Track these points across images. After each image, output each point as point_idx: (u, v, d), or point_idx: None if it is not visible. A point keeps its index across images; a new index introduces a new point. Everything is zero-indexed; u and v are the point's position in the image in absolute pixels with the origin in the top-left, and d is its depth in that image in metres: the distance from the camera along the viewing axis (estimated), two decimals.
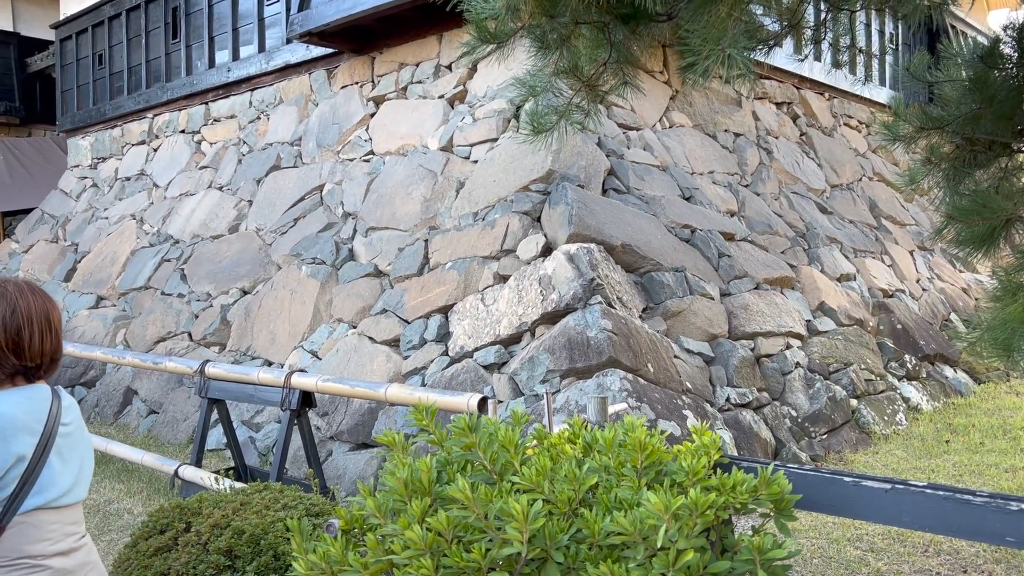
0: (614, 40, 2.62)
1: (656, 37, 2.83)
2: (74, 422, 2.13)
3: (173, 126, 11.00)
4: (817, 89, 10.42)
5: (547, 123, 2.55)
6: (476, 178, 7.03)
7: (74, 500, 2.09)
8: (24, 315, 2.01)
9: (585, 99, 2.52)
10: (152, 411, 7.81)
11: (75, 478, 2.10)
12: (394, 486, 2.10)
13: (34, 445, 1.99)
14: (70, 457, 2.09)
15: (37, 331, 2.03)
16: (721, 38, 1.80)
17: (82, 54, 12.75)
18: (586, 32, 2.49)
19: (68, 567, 2.05)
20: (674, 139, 7.94)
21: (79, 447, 2.13)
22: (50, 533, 2.02)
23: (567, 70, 2.41)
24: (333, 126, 8.74)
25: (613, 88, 2.71)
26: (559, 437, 2.49)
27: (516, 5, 2.01)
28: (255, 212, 8.91)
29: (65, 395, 2.15)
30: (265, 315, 7.60)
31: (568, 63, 2.40)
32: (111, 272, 9.92)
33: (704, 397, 5.66)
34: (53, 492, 2.02)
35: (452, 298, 6.36)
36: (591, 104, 2.52)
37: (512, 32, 2.22)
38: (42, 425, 2.02)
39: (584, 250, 5.73)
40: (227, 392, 5.25)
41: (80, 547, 2.11)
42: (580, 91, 2.50)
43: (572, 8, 2.06)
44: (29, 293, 2.06)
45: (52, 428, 2.03)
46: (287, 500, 3.37)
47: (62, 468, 2.05)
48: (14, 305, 2.01)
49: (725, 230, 7.26)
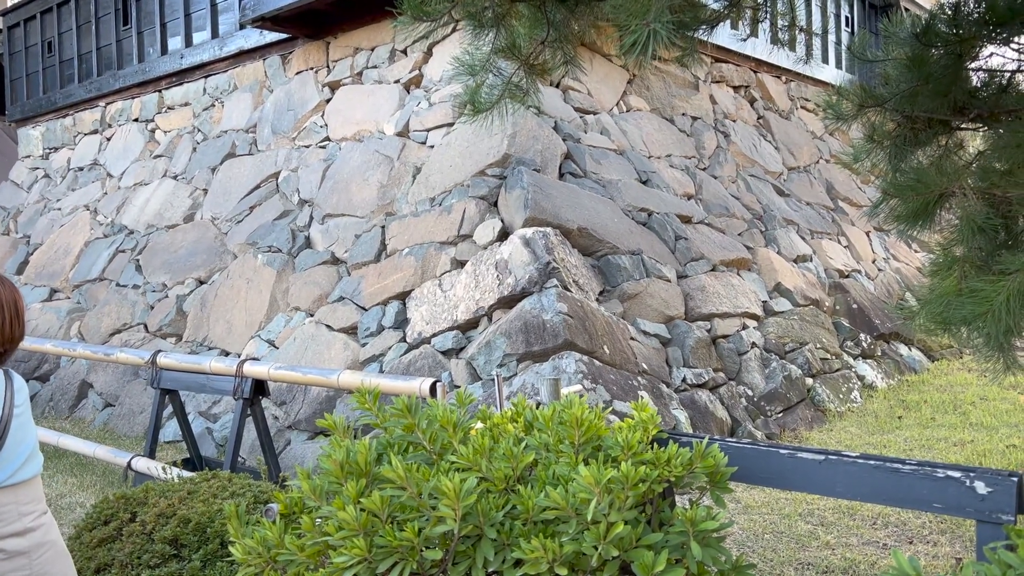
0: (552, 20, 2.60)
1: (596, 16, 2.82)
2: (24, 402, 2.16)
3: (126, 114, 10.78)
4: (774, 72, 10.50)
5: (487, 103, 2.53)
6: (433, 163, 6.99)
7: (27, 476, 2.10)
8: None
9: (524, 78, 2.51)
10: (108, 404, 7.69)
11: (27, 455, 2.10)
12: (330, 468, 2.09)
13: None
14: (21, 437, 2.10)
15: (7, 317, 2.09)
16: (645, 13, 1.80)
17: (31, 41, 12.44)
18: (524, 11, 2.47)
19: (23, 547, 2.04)
20: (631, 123, 7.95)
21: (27, 425, 2.15)
22: (3, 515, 2.02)
23: (504, 48, 2.40)
24: (288, 112, 8.63)
25: (554, 67, 2.70)
26: (502, 417, 2.49)
27: None
28: (210, 201, 8.78)
29: (16, 376, 2.19)
30: (221, 305, 7.51)
31: (505, 42, 2.39)
32: (64, 264, 9.72)
33: (660, 378, 5.70)
34: (5, 472, 2.02)
35: (410, 284, 6.33)
36: (530, 83, 2.52)
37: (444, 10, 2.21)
38: (0, 408, 2.04)
39: (540, 234, 5.73)
40: (179, 382, 5.18)
41: (38, 526, 2.11)
42: (519, 70, 2.49)
43: None
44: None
45: (9, 411, 2.05)
46: (235, 488, 3.33)
47: (13, 447, 2.06)
48: None
49: (682, 213, 7.31)
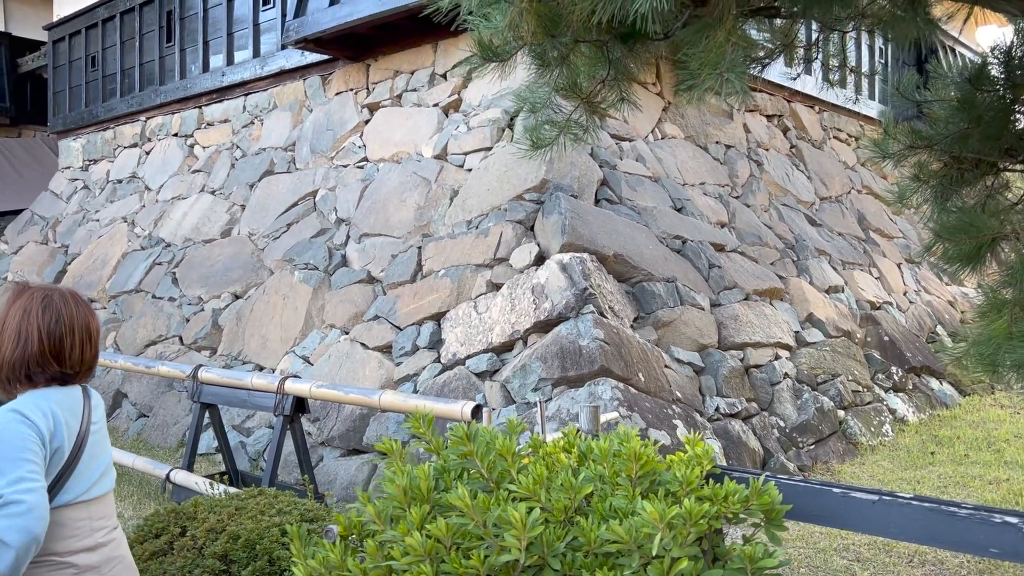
0: (612, 57, 2.67)
1: (652, 54, 2.88)
2: (100, 419, 2.21)
3: (166, 129, 11.00)
4: (807, 103, 10.53)
5: (546, 138, 2.60)
6: (470, 186, 7.07)
7: (101, 493, 2.15)
8: (67, 325, 2.10)
9: (584, 115, 2.57)
10: (142, 415, 7.80)
11: (101, 472, 2.16)
12: (394, 493, 2.14)
13: (72, 443, 2.06)
14: (96, 453, 2.16)
15: (78, 341, 2.12)
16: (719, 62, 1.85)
17: (75, 56, 12.74)
18: (585, 50, 2.54)
19: (93, 563, 2.09)
20: (666, 150, 8.01)
21: (103, 442, 2.21)
22: (76, 530, 2.07)
23: (566, 87, 2.46)
24: (327, 132, 8.77)
25: (611, 104, 2.76)
26: (554, 446, 2.53)
27: (518, 24, 2.06)
28: (248, 217, 8.93)
29: (94, 393, 2.24)
30: (257, 320, 7.61)
31: (567, 80, 2.45)
32: (102, 275, 9.90)
33: (694, 407, 5.71)
34: (79, 488, 2.08)
35: (445, 305, 6.39)
36: (589, 120, 2.58)
37: (514, 50, 2.28)
38: (78, 423, 2.10)
39: (577, 260, 5.78)
40: (220, 397, 5.26)
41: (108, 541, 2.16)
42: (579, 107, 2.55)
43: (573, 28, 2.12)
44: (73, 303, 2.14)
45: (86, 428, 2.11)
46: (281, 505, 3.39)
47: (89, 464, 2.12)
48: (59, 314, 2.09)
49: (716, 241, 7.34)
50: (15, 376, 2.06)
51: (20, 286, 2.18)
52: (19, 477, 1.91)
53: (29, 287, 2.17)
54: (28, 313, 2.06)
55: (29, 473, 1.93)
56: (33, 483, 1.93)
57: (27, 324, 2.06)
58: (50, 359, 2.06)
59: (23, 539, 1.87)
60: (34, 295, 2.11)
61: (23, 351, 2.04)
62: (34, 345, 2.05)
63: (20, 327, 2.06)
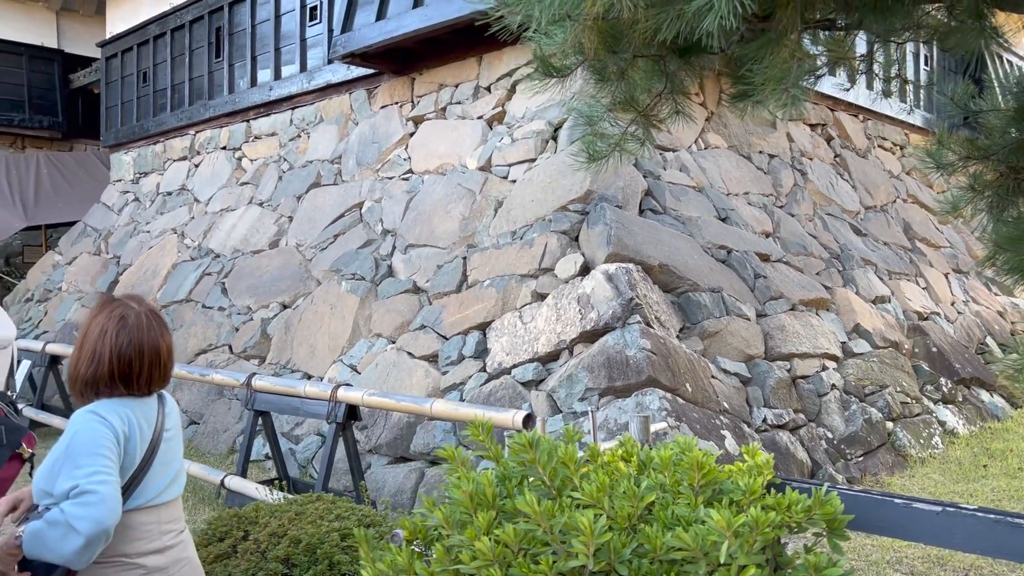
0: (668, 71, 2.71)
1: (707, 67, 2.92)
2: (175, 426, 2.28)
3: (214, 143, 11.26)
4: (851, 111, 10.44)
5: (602, 151, 2.65)
6: (514, 197, 7.14)
7: (171, 497, 2.23)
8: (137, 349, 2.16)
9: (640, 128, 2.62)
10: (193, 422, 7.98)
11: (172, 477, 2.24)
12: (460, 499, 2.19)
13: (144, 448, 2.14)
14: (168, 460, 2.23)
15: (147, 364, 2.18)
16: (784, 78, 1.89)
17: (127, 71, 13.10)
18: (642, 64, 2.59)
19: (161, 564, 2.17)
20: (710, 160, 8.01)
21: (176, 448, 2.28)
22: (145, 532, 2.15)
23: (624, 101, 2.51)
24: (373, 145, 8.91)
25: (666, 117, 2.81)
26: (612, 455, 2.57)
27: (581, 40, 2.12)
28: (295, 228, 9.10)
29: (168, 399, 2.30)
30: (305, 329, 7.75)
31: (625, 94, 2.50)
32: (153, 285, 10.15)
33: (741, 417, 5.70)
34: (150, 492, 2.15)
35: (490, 315, 6.46)
36: (646, 133, 2.62)
37: (574, 66, 2.33)
38: (152, 430, 2.17)
39: (623, 270, 5.81)
40: (273, 404, 5.38)
41: (175, 544, 2.23)
42: (635, 120, 2.60)
43: (634, 44, 2.17)
44: (147, 325, 2.20)
45: (159, 434, 2.18)
46: (340, 511, 3.47)
47: (161, 469, 2.19)
48: (131, 337, 2.16)
49: (761, 251, 7.31)
50: (87, 391, 2.15)
51: (104, 299, 2.27)
52: (95, 470, 1.99)
53: (111, 302, 2.25)
54: (104, 334, 2.14)
55: (103, 467, 2.01)
56: (107, 476, 2.00)
57: (101, 345, 2.13)
58: (118, 382, 2.14)
59: (93, 529, 1.94)
60: (112, 314, 2.17)
61: (95, 371, 2.12)
62: (104, 367, 2.12)
63: (95, 347, 2.13)
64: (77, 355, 2.17)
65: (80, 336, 2.18)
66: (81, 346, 2.18)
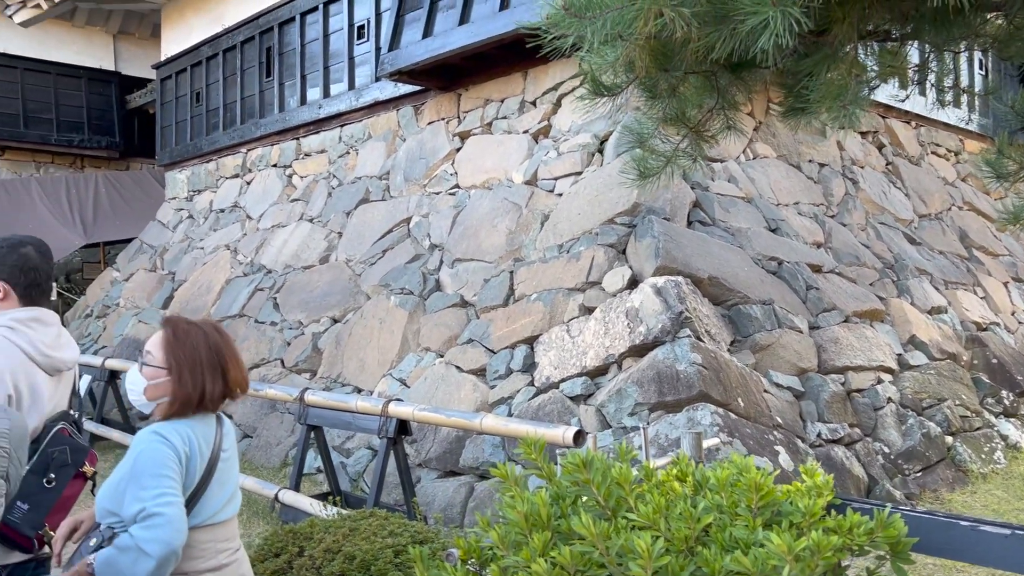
0: (720, 86, 2.70)
1: (759, 80, 2.90)
2: (231, 447, 2.34)
3: (266, 160, 11.49)
4: (903, 118, 10.23)
5: (653, 168, 2.64)
6: (561, 211, 7.15)
7: (227, 517, 2.28)
8: (218, 366, 2.25)
9: (691, 144, 2.60)
10: (246, 435, 8.11)
11: (228, 496, 2.29)
12: (515, 519, 2.19)
13: (203, 468, 2.19)
14: (225, 480, 2.28)
15: (223, 382, 2.26)
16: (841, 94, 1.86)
17: (181, 92, 13.45)
18: (693, 80, 2.58)
19: None
20: (758, 170, 7.92)
21: (232, 468, 2.33)
22: (202, 551, 2.19)
23: (675, 117, 2.50)
24: (420, 160, 9.01)
25: (717, 132, 2.79)
26: (667, 474, 2.55)
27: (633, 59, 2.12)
28: (345, 243, 9.22)
29: (226, 421, 2.36)
30: (355, 343, 7.84)
31: (676, 110, 2.49)
32: (207, 300, 10.37)
33: (795, 432, 5.60)
34: (208, 511, 2.20)
35: (538, 329, 6.46)
36: (697, 149, 2.61)
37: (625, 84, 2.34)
38: (210, 450, 2.23)
39: (672, 283, 5.77)
40: (325, 419, 5.45)
41: (232, 562, 2.28)
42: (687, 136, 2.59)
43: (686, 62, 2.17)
44: (224, 344, 2.29)
45: (216, 454, 2.24)
46: (393, 527, 3.50)
47: (218, 489, 2.24)
48: (215, 356, 2.25)
49: (812, 262, 7.19)
50: (185, 411, 2.21)
51: (176, 320, 2.32)
52: (160, 492, 2.05)
53: (186, 324, 2.30)
54: (195, 353, 2.22)
55: (169, 488, 2.08)
56: (173, 497, 2.07)
57: (196, 365, 2.21)
58: (205, 401, 2.22)
59: (163, 551, 2.00)
60: (194, 333, 2.25)
61: (190, 392, 2.20)
62: (198, 387, 2.20)
63: (192, 367, 2.21)
64: (177, 377, 2.21)
65: (166, 358, 2.23)
66: (178, 365, 2.23)
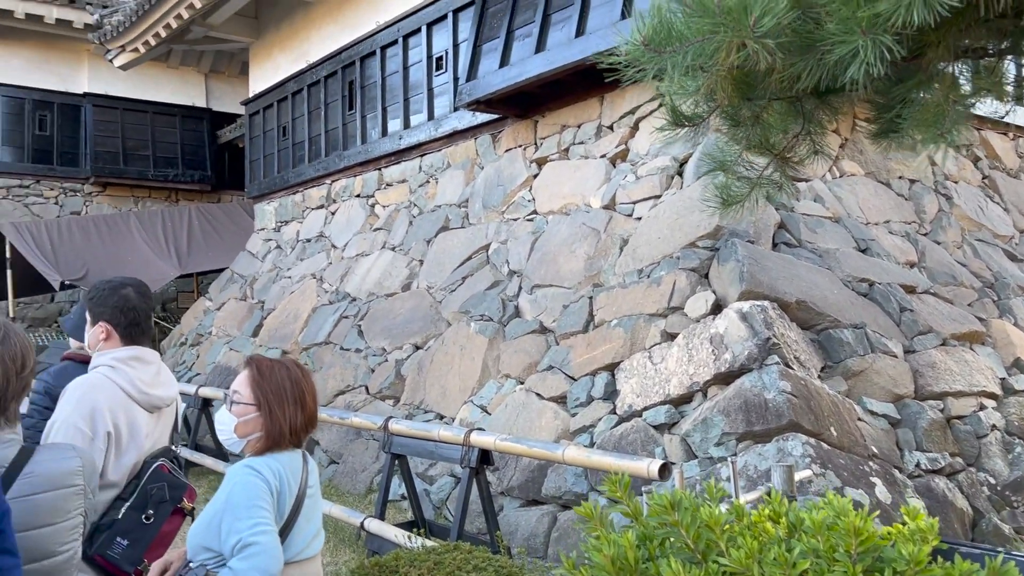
0: (805, 110, 2.62)
1: (846, 103, 2.80)
2: (316, 483, 2.39)
3: (349, 191, 11.78)
4: (999, 129, 9.78)
5: (737, 195, 2.58)
6: (640, 235, 7.07)
7: (312, 553, 2.32)
8: (302, 401, 2.33)
9: (777, 171, 2.53)
10: (332, 461, 8.26)
11: (315, 533, 2.33)
12: (602, 563, 2.15)
13: (291, 504, 2.24)
14: (311, 515, 2.32)
15: (307, 416, 2.33)
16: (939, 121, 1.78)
17: (268, 126, 13.95)
18: (777, 106, 2.51)
19: None
20: (845, 188, 7.67)
21: (317, 505, 2.38)
22: None
23: (759, 144, 2.44)
24: (498, 188, 9.07)
25: (804, 157, 2.71)
26: (759, 514, 2.46)
27: (715, 90, 2.08)
28: (425, 271, 9.35)
29: (310, 459, 2.42)
30: (436, 370, 7.91)
31: (760, 137, 2.43)
32: (294, 328, 10.65)
33: (892, 462, 5.35)
34: (296, 547, 2.24)
35: (618, 356, 6.38)
36: (784, 176, 2.53)
37: (706, 114, 2.29)
38: (297, 486, 2.28)
39: (758, 308, 5.62)
40: (408, 448, 5.49)
41: None
42: (772, 163, 2.52)
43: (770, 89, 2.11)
44: (304, 379, 2.36)
45: (303, 491, 2.28)
46: (477, 561, 3.48)
47: (305, 525, 2.28)
48: (300, 390, 2.33)
49: (905, 282, 6.91)
50: (270, 446, 2.27)
51: (259, 360, 2.39)
52: (255, 522, 2.10)
53: (269, 361, 2.38)
54: (283, 390, 2.29)
55: (263, 518, 2.12)
56: (267, 526, 2.12)
57: (287, 402, 2.28)
58: (297, 433, 2.28)
59: None
60: (287, 373, 2.33)
61: (280, 423, 2.27)
62: (287, 423, 2.26)
63: (284, 404, 2.29)
64: (268, 411, 2.28)
65: (254, 394, 2.30)
66: (272, 401, 2.29)
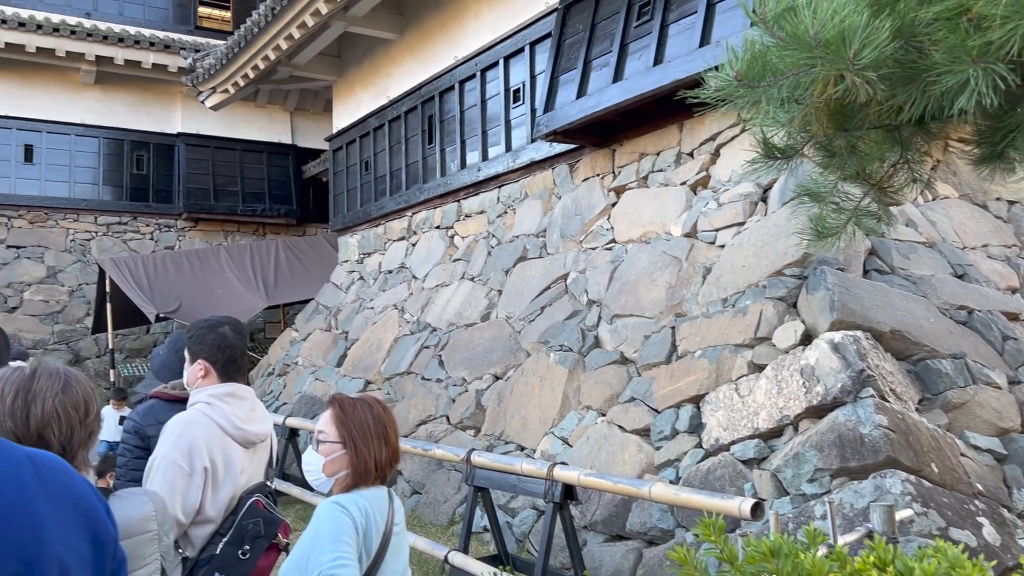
0: (903, 138, 2.53)
1: (946, 128, 2.69)
2: (402, 521, 2.40)
3: (429, 222, 11.97)
4: None
5: (833, 227, 2.49)
6: (724, 263, 6.94)
7: None
8: (385, 437, 2.37)
9: (875, 201, 2.44)
10: (415, 491, 8.31)
11: (402, 570, 2.34)
12: None
13: (378, 541, 2.26)
14: (398, 552, 2.34)
15: (390, 451, 2.38)
16: None
17: (351, 162, 14.33)
18: (874, 136, 2.43)
19: None
20: (939, 212, 7.37)
21: (404, 543, 2.39)
22: None
23: (855, 175, 2.36)
24: (575, 217, 9.06)
25: (903, 186, 2.61)
26: (863, 562, 2.34)
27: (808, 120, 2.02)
28: (504, 301, 9.38)
29: (396, 498, 2.43)
30: (516, 401, 7.89)
31: (856, 168, 2.35)
32: (377, 358, 10.82)
33: (999, 501, 5.06)
34: None
35: (703, 387, 6.24)
36: (882, 208, 2.44)
37: (799, 146, 2.23)
38: (384, 523, 2.30)
39: (850, 338, 5.43)
40: (491, 481, 5.48)
41: None
42: (869, 193, 2.43)
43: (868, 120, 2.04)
44: (386, 415, 2.42)
45: (389, 528, 2.30)
46: None
47: (392, 562, 2.30)
48: (382, 426, 2.38)
49: (1007, 309, 6.57)
50: (357, 483, 2.30)
51: (341, 398, 2.44)
52: (336, 556, 2.13)
53: (351, 399, 2.42)
54: (366, 427, 2.32)
55: (344, 552, 2.15)
56: (347, 560, 2.13)
57: (371, 438, 2.32)
58: (384, 468, 2.30)
59: None
60: (369, 410, 2.37)
61: (366, 459, 2.30)
62: (370, 460, 2.29)
63: (368, 441, 2.33)
64: (354, 448, 2.32)
65: (339, 432, 2.34)
66: (348, 439, 2.33)
